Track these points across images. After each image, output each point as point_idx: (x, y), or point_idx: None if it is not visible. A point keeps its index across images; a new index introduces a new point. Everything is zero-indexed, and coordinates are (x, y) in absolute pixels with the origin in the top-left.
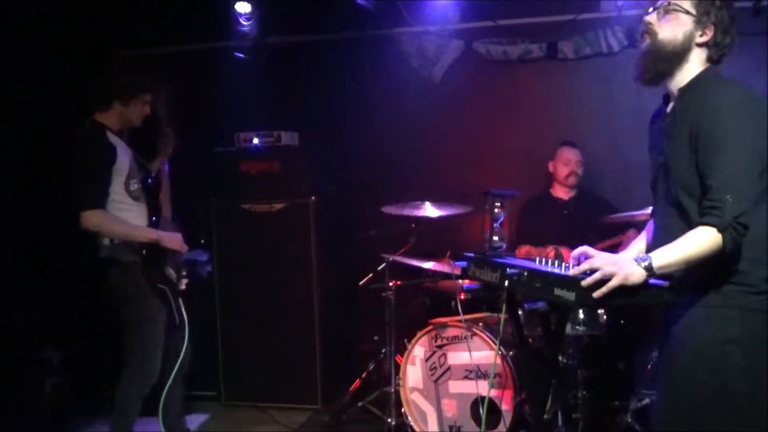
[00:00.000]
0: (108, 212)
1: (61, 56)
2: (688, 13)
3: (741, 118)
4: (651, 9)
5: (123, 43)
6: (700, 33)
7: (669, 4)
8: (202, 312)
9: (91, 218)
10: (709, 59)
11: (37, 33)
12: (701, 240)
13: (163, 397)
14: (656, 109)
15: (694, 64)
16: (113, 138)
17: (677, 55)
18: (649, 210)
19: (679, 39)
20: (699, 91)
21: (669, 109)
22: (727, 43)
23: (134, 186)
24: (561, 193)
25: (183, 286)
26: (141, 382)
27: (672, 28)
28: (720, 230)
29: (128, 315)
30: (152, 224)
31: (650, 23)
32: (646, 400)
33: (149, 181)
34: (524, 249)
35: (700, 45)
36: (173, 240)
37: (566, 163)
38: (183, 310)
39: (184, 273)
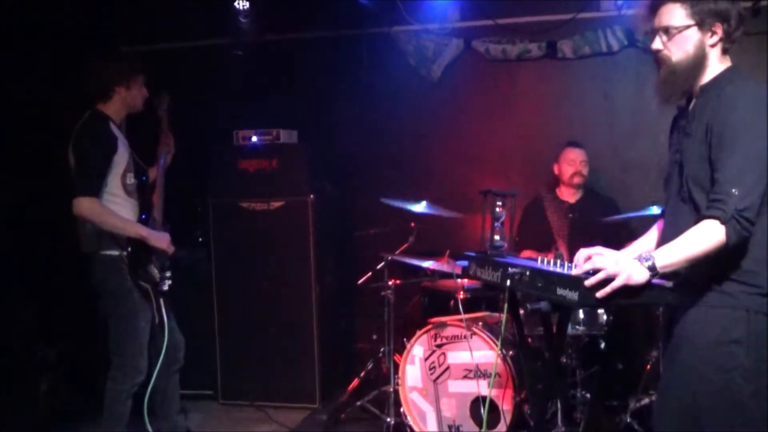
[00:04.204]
0: (101, 202)
1: (59, 53)
2: (688, 26)
3: (754, 114)
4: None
5: (122, 40)
6: (709, 35)
7: (667, 28)
8: (199, 310)
9: (84, 205)
10: (725, 51)
11: (34, 29)
12: (704, 234)
13: (146, 397)
14: (679, 107)
15: (713, 63)
16: (115, 129)
17: (696, 67)
18: (651, 211)
19: (691, 53)
20: (718, 87)
21: (690, 107)
22: (736, 27)
23: (130, 180)
24: (567, 195)
25: (166, 287)
26: (127, 380)
27: (681, 47)
28: (723, 222)
29: (110, 310)
30: (142, 222)
31: (658, 50)
32: (646, 400)
33: (144, 178)
34: (527, 253)
35: (713, 46)
36: (161, 239)
37: (570, 164)
38: (164, 310)
39: (168, 274)
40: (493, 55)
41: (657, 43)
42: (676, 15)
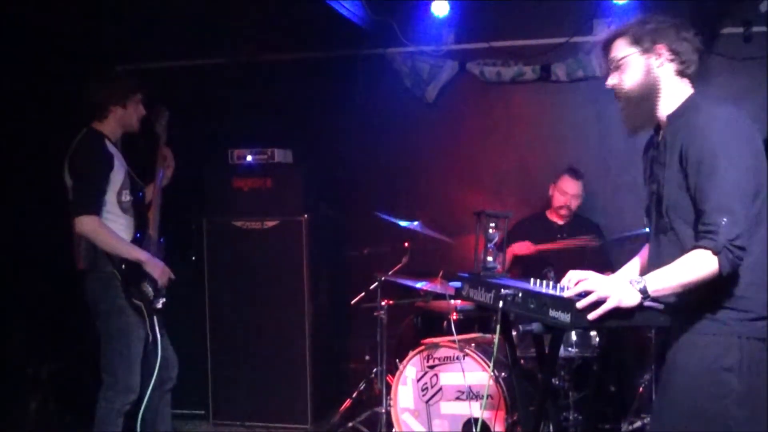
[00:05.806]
0: (102, 222)
1: (56, 70)
2: (630, 54)
3: (729, 138)
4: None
5: (118, 58)
6: (654, 58)
7: (612, 61)
8: (191, 329)
9: (86, 224)
10: (681, 72)
11: (33, 46)
12: (697, 264)
13: (140, 415)
14: (648, 138)
15: (672, 87)
16: (111, 147)
17: (650, 92)
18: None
19: (640, 78)
20: (687, 115)
21: (660, 137)
22: (686, 47)
23: (126, 198)
24: (556, 217)
25: (159, 305)
26: (119, 399)
27: (630, 75)
28: (715, 253)
29: (104, 328)
30: (137, 239)
31: (613, 85)
32: (638, 423)
33: (141, 195)
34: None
35: (661, 67)
36: (157, 268)
37: (563, 195)
38: (157, 328)
39: (162, 292)
40: (488, 77)
41: (609, 81)
42: (620, 47)
